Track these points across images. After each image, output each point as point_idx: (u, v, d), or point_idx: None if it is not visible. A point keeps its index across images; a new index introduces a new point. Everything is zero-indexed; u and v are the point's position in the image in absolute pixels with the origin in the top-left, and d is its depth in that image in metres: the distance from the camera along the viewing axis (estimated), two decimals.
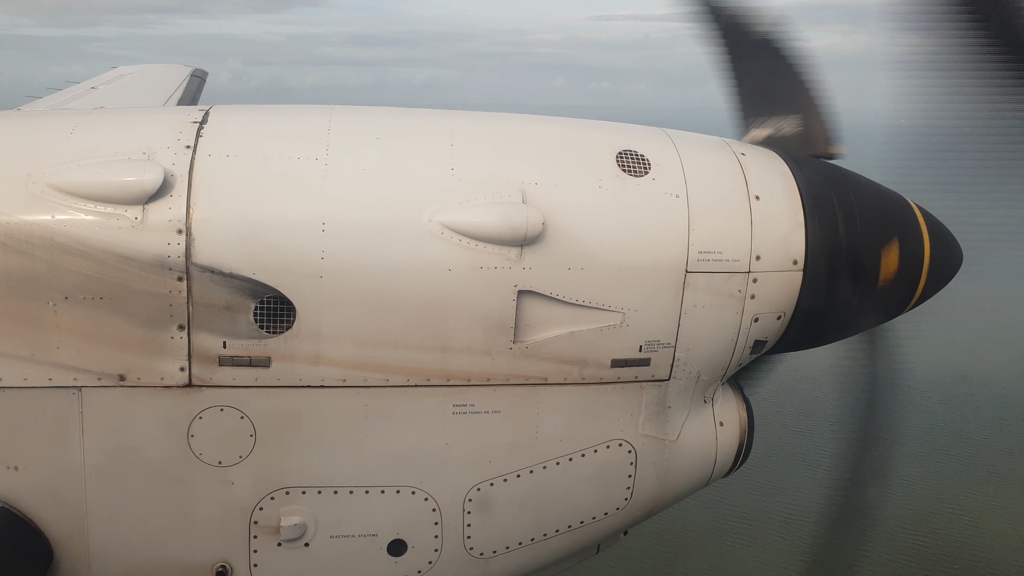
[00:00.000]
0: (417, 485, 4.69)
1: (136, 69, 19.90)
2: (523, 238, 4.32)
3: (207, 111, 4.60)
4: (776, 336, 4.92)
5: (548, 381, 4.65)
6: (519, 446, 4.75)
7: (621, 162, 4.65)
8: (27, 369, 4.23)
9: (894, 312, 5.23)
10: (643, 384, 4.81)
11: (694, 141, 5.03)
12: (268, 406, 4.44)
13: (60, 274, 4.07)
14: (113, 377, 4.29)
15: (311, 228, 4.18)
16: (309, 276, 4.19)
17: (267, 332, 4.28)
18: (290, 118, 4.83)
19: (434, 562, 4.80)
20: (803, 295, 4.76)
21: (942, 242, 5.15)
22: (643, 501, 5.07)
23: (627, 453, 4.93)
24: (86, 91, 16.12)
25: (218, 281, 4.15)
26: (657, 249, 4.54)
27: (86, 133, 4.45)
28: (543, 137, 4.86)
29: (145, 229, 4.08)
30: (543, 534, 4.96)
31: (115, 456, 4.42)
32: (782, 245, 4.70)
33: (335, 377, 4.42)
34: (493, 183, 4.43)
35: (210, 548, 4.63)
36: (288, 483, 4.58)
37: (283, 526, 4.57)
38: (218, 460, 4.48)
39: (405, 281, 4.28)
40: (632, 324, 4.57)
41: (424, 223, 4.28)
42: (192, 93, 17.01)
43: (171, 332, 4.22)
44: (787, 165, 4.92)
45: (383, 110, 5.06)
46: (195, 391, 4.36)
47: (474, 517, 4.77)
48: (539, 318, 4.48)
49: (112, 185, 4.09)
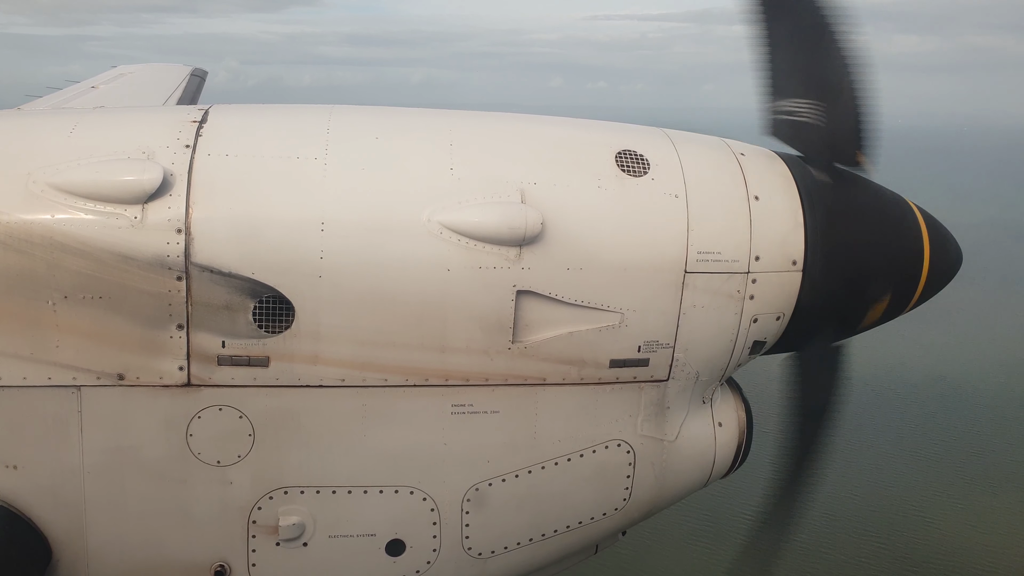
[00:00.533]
0: (415, 485, 4.69)
1: (136, 68, 19.91)
2: (522, 238, 4.32)
3: (207, 110, 4.60)
4: (775, 336, 4.92)
5: (546, 381, 4.65)
6: (517, 446, 4.75)
7: (620, 162, 4.65)
8: (26, 368, 4.24)
9: (895, 312, 5.23)
10: (642, 384, 4.81)
11: (693, 141, 5.02)
12: (267, 406, 4.44)
13: (59, 273, 4.07)
14: (112, 376, 4.29)
15: (310, 228, 4.18)
16: (308, 276, 4.19)
17: (266, 332, 4.28)
18: (289, 118, 4.83)
19: (432, 562, 4.80)
20: (802, 296, 4.76)
21: (941, 243, 5.16)
22: (642, 501, 5.07)
23: (626, 453, 4.93)
24: (86, 90, 16.12)
25: (217, 280, 4.15)
26: (656, 249, 4.54)
27: (86, 132, 4.45)
28: (542, 137, 4.86)
29: (144, 228, 4.08)
30: (542, 534, 4.96)
31: (114, 455, 4.42)
32: (781, 245, 4.70)
33: (334, 377, 4.42)
34: (492, 183, 4.43)
35: (208, 547, 4.63)
36: (286, 483, 4.58)
37: (281, 526, 4.57)
38: (217, 459, 4.48)
39: (404, 281, 4.28)
40: (631, 324, 4.57)
41: (423, 223, 4.28)
42: (192, 92, 17.00)
43: (170, 331, 4.22)
44: (787, 165, 4.92)
45: (382, 110, 5.06)
46: (194, 390, 4.36)
47: (473, 517, 4.77)
48: (538, 318, 4.48)
49: (112, 184, 4.09)
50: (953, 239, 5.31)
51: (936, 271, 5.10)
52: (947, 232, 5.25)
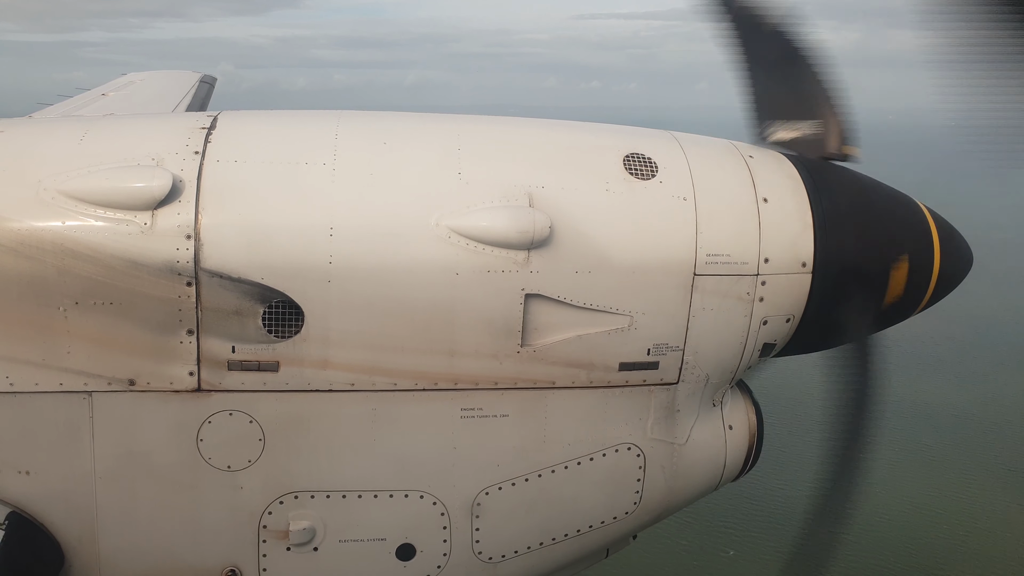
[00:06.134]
0: (425, 489, 4.69)
1: (146, 75, 20.06)
2: (530, 241, 4.32)
3: (215, 117, 4.62)
4: (785, 339, 4.90)
5: (556, 385, 4.64)
6: (527, 450, 4.74)
7: (628, 165, 4.65)
8: (38, 374, 4.26)
9: (905, 314, 5.20)
10: (651, 387, 4.79)
11: (701, 144, 5.01)
12: (277, 410, 4.45)
13: (70, 279, 4.09)
14: (123, 382, 4.31)
15: (319, 233, 4.19)
16: (317, 280, 4.20)
17: (276, 336, 4.29)
18: (297, 123, 4.84)
19: (443, 566, 4.79)
20: (812, 297, 4.74)
21: (952, 244, 5.13)
22: (652, 505, 5.05)
23: (636, 457, 4.91)
24: (96, 97, 16.24)
25: (227, 286, 4.16)
26: (665, 252, 4.53)
27: (96, 140, 4.48)
28: (550, 141, 4.86)
29: (154, 234, 4.10)
30: (552, 538, 4.94)
31: (125, 460, 4.44)
32: (791, 247, 4.68)
33: (343, 381, 4.42)
34: (500, 187, 4.43)
35: (219, 552, 4.64)
36: (297, 487, 4.59)
37: (292, 530, 4.58)
38: (227, 464, 4.49)
39: (413, 285, 4.28)
40: (640, 327, 4.56)
41: (431, 227, 4.28)
42: (201, 99, 17.11)
43: (180, 337, 4.24)
44: (795, 167, 4.91)
45: (390, 115, 5.07)
46: (204, 395, 4.37)
47: (483, 521, 4.77)
48: (547, 321, 4.47)
49: (121, 191, 4.11)
50: (963, 239, 5.28)
51: (947, 271, 5.07)
52: (958, 234, 5.23)
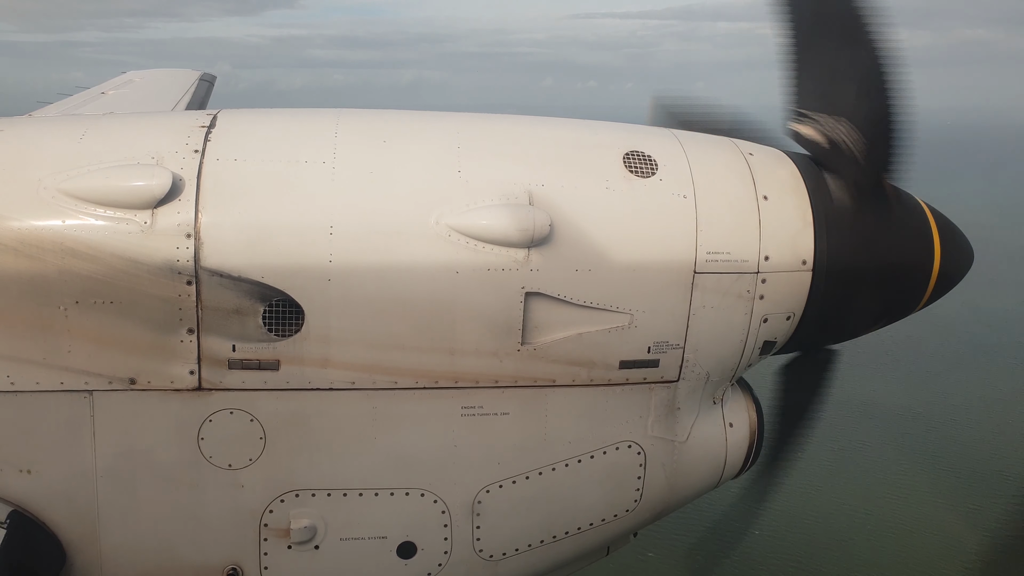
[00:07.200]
0: (426, 487, 4.69)
1: (145, 74, 20.04)
2: (530, 240, 4.32)
3: (215, 116, 4.62)
4: (786, 336, 4.90)
5: (556, 383, 4.64)
6: (528, 448, 4.75)
7: (628, 163, 4.65)
8: (39, 373, 4.26)
9: (905, 311, 5.21)
10: (652, 385, 4.80)
11: (701, 141, 5.01)
12: (277, 409, 4.46)
13: (71, 278, 4.09)
14: (124, 381, 4.31)
15: (319, 231, 4.19)
16: (317, 279, 4.20)
17: (276, 335, 4.29)
18: (297, 122, 4.84)
19: (444, 564, 4.80)
20: (813, 295, 4.74)
21: (952, 242, 5.13)
22: (653, 503, 5.06)
23: (636, 455, 4.92)
24: (96, 96, 16.24)
25: (227, 285, 4.16)
26: (665, 250, 4.53)
27: (96, 138, 4.48)
28: (549, 138, 4.86)
29: (154, 233, 4.10)
30: (552, 536, 4.95)
31: (126, 459, 4.45)
32: (791, 245, 4.68)
33: (344, 380, 4.43)
34: (500, 185, 4.43)
35: (220, 551, 4.64)
36: (298, 486, 4.59)
37: (293, 528, 4.58)
38: (228, 463, 4.50)
39: (413, 283, 4.28)
40: (640, 325, 4.57)
41: (431, 225, 4.28)
42: (200, 98, 17.09)
43: (181, 336, 4.24)
44: (795, 165, 4.90)
45: (389, 113, 5.07)
46: (205, 394, 4.38)
47: (483, 519, 4.77)
48: (547, 319, 4.48)
49: (121, 190, 4.11)
50: (964, 237, 5.28)
51: (947, 269, 5.07)
52: (958, 231, 5.22)
